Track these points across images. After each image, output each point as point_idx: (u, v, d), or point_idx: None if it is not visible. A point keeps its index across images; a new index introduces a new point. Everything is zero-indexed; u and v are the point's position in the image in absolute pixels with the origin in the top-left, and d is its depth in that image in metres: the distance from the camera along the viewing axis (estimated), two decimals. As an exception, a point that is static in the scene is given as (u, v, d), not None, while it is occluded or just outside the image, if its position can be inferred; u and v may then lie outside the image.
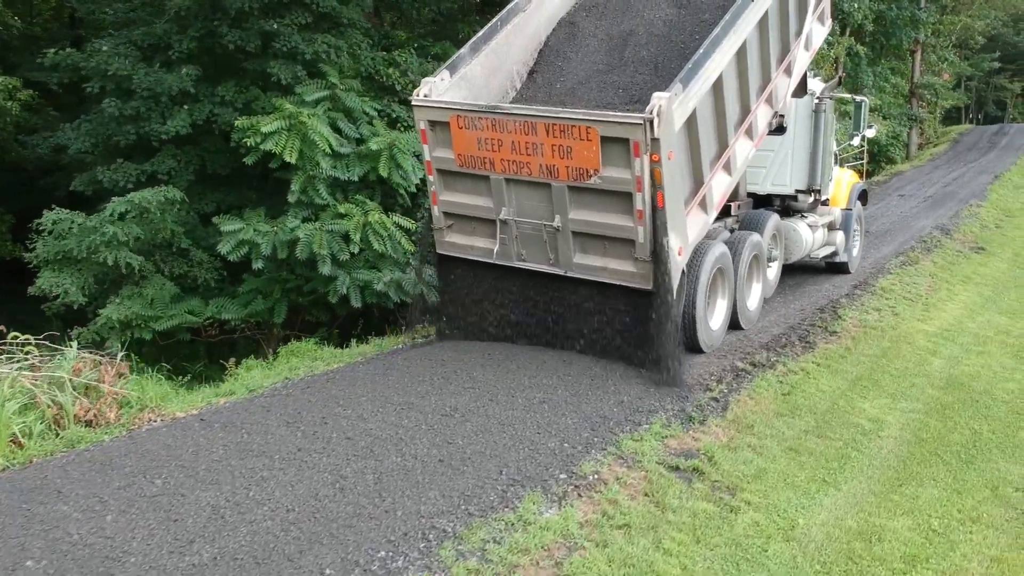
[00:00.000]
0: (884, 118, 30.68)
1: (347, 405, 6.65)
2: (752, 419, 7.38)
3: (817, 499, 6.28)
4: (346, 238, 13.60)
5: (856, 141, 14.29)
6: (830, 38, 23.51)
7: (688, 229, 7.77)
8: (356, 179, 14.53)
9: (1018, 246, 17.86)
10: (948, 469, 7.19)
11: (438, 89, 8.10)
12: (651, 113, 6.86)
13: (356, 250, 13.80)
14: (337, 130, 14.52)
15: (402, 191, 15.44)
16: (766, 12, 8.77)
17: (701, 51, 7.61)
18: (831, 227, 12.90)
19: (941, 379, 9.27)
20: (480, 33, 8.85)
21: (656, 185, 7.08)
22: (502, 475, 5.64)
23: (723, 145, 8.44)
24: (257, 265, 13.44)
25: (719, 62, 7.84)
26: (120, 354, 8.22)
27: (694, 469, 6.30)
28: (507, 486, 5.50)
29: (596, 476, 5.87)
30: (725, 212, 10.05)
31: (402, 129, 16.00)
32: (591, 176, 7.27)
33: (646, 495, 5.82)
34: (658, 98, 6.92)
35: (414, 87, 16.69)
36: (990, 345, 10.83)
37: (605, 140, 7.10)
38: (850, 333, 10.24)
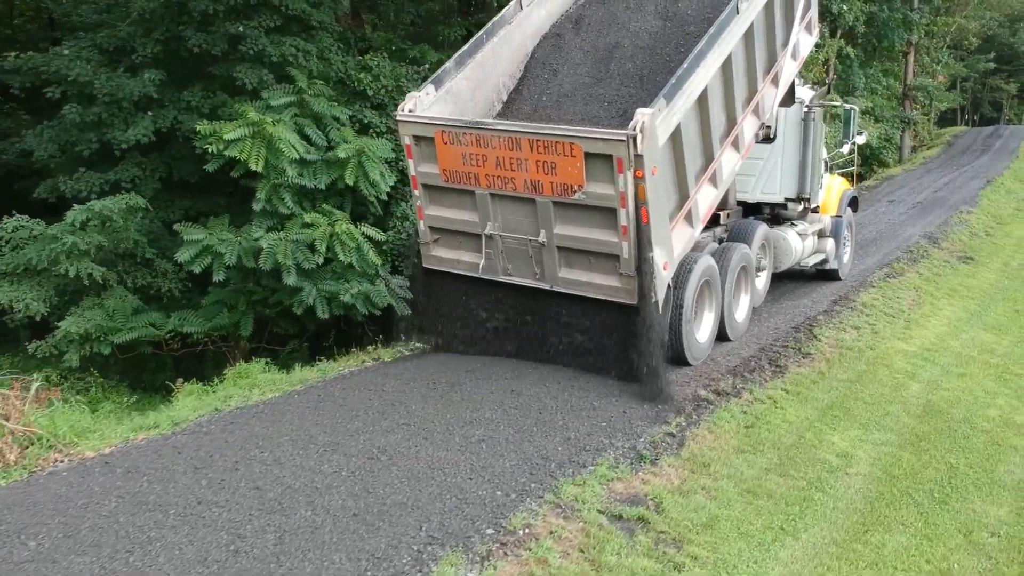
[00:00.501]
0: (876, 120, 30.08)
1: (266, 447, 6.10)
2: (709, 457, 6.81)
3: (772, 551, 5.72)
4: (312, 248, 13.06)
5: (846, 149, 14.11)
6: (820, 41, 22.97)
7: (673, 243, 7.68)
8: (323, 187, 13.99)
9: (1007, 255, 17.28)
10: (919, 511, 6.64)
11: (423, 104, 7.99)
12: (634, 129, 6.77)
13: (322, 260, 13.25)
14: (305, 137, 13.98)
15: (372, 200, 14.90)
16: (752, 24, 8.64)
17: (685, 65, 7.48)
18: (821, 235, 12.68)
19: (918, 406, 8.71)
20: (465, 47, 8.71)
21: (640, 201, 7.00)
22: (421, 531, 5.08)
23: (709, 158, 8.32)
24: (218, 276, 12.88)
25: (704, 76, 7.74)
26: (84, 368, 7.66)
27: (639, 518, 5.73)
28: (424, 545, 4.94)
29: (527, 530, 5.31)
30: (714, 221, 9.94)
31: (374, 135, 15.47)
32: (575, 192, 7.21)
33: (581, 551, 5.26)
34: (641, 114, 6.83)
35: (387, 92, 16.26)
36: (973, 366, 10.27)
37: (589, 156, 7.02)
38: (825, 355, 9.67)
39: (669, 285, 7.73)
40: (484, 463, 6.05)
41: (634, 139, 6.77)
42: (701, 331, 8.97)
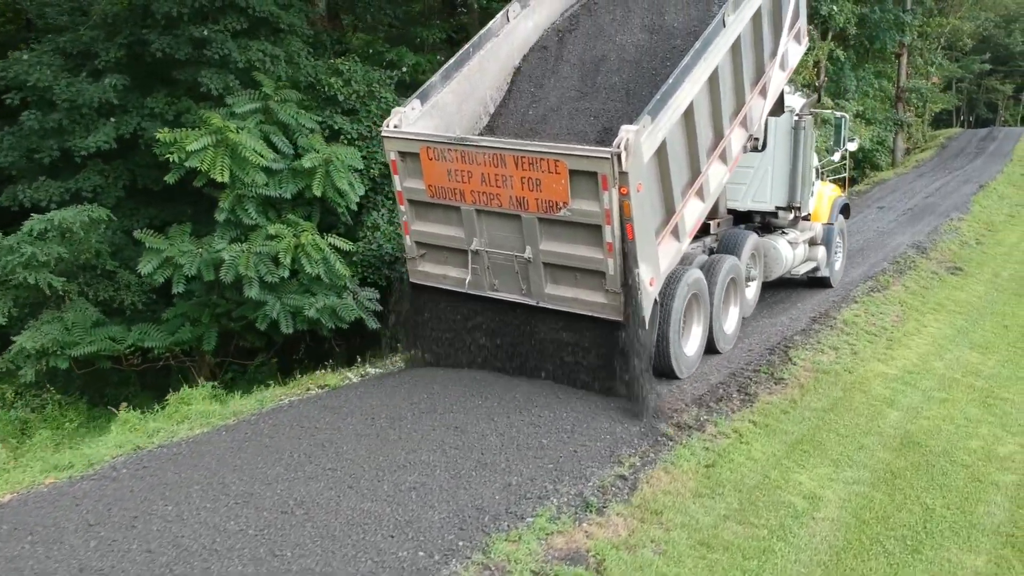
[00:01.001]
0: (868, 123, 29.47)
1: (173, 498, 5.54)
2: (663, 503, 6.24)
3: (723, 617, 5.18)
4: (276, 261, 12.50)
5: (837, 157, 13.90)
6: (810, 43, 22.39)
7: (660, 259, 7.63)
8: (290, 197, 13.43)
9: (997, 265, 16.69)
10: (890, 562, 6.07)
11: (408, 119, 7.90)
12: (618, 147, 6.69)
13: (287, 273, 12.70)
14: (271, 145, 13.42)
15: (342, 209, 14.35)
16: (739, 36, 8.55)
17: (671, 81, 7.38)
18: (812, 242, 12.48)
19: (895, 437, 8.13)
20: (452, 60, 8.57)
21: (625, 217, 6.92)
22: (326, 605, 4.54)
23: (695, 172, 8.22)
24: (178, 288, 12.34)
25: (690, 90, 7.65)
26: None
27: (576, 580, 5.19)
28: (327, 623, 4.40)
29: (446, 601, 4.77)
30: (704, 231, 9.86)
31: (345, 142, 14.91)
32: (560, 208, 7.13)
33: (506, 624, 4.72)
34: (626, 131, 6.75)
35: (358, 97, 15.69)
36: (956, 390, 9.69)
37: (574, 173, 6.94)
38: (799, 380, 9.10)
39: (656, 300, 7.65)
40: (411, 516, 5.49)
41: (619, 156, 6.68)
42: (689, 344, 8.83)
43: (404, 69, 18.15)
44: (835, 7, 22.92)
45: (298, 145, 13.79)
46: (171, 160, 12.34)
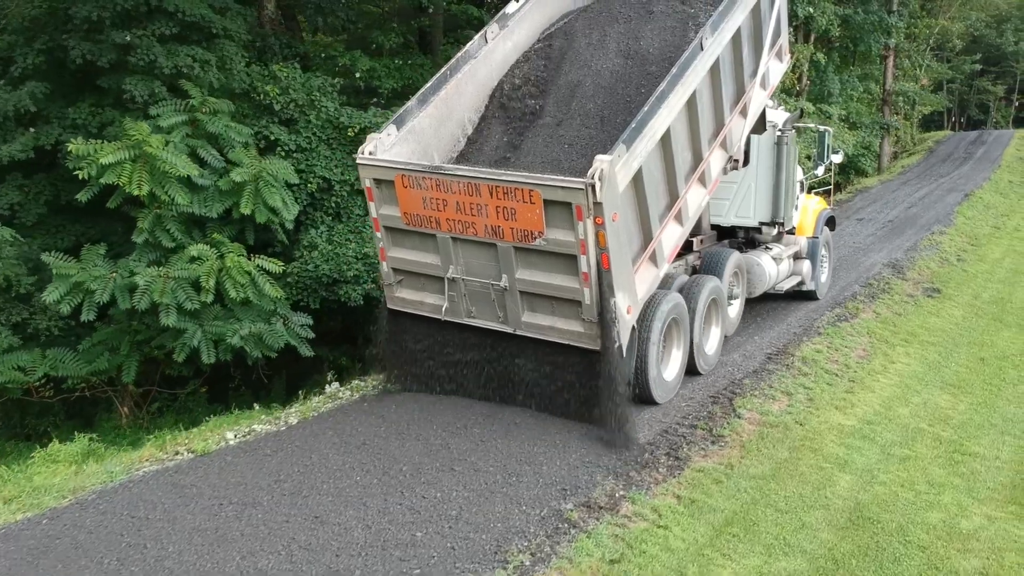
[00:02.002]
0: (853, 128, 28.26)
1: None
2: (547, 620, 5.14)
3: None
4: (197, 285, 11.39)
5: (820, 171, 13.58)
6: (791, 43, 21.27)
7: (637, 286, 7.47)
8: (216, 216, 12.30)
9: (978, 285, 15.54)
10: None
11: (384, 145, 7.73)
12: (592, 177, 6.55)
13: (209, 299, 11.59)
14: (198, 160, 12.30)
15: (277, 228, 13.25)
16: (718, 59, 8.40)
17: (646, 108, 7.24)
18: (797, 256, 12.28)
19: (844, 511, 6.99)
20: (429, 84, 8.38)
21: (601, 247, 6.80)
22: None
23: (674, 197, 8.08)
24: (87, 316, 11.21)
25: (666, 116, 7.50)
26: None
27: None
28: None
29: None
30: (687, 247, 9.68)
31: (282, 154, 13.78)
32: (536, 238, 7.01)
33: None
34: (600, 161, 6.60)
35: (297, 106, 14.53)
36: (920, 443, 8.56)
37: (548, 203, 6.81)
38: (740, 438, 7.96)
39: (634, 328, 7.54)
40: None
41: (593, 187, 6.52)
42: (669, 370, 8.61)
43: (358, 75, 17.02)
44: (812, 9, 21.68)
45: (229, 159, 12.66)
46: (81, 175, 11.23)
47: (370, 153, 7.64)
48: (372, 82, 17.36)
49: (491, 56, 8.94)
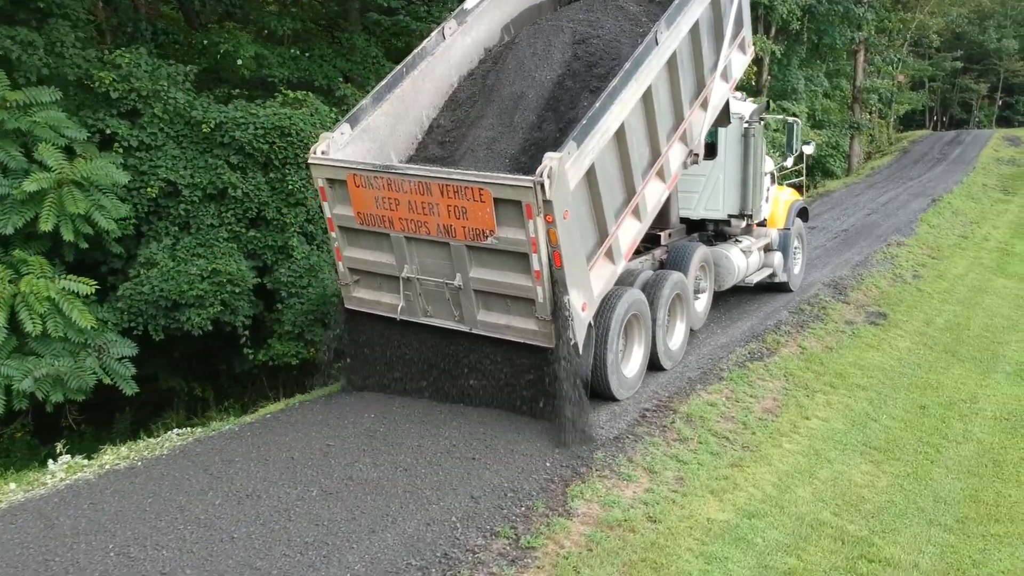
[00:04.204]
0: (818, 127, 25.90)
1: None
2: None
3: None
4: (-18, 317, 9.18)
5: (790, 162, 13.20)
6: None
7: (592, 283, 7.28)
8: (10, 232, 10.04)
9: (933, 307, 13.24)
10: None
11: (337, 144, 7.54)
12: (541, 175, 6.40)
13: (0, 336, 9.44)
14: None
15: (110, 242, 11.04)
16: (674, 53, 8.17)
17: (597, 105, 7.07)
18: (768, 249, 11.93)
19: None
20: (384, 81, 8.14)
21: (552, 245, 6.65)
22: None
23: (630, 192, 7.89)
24: None
25: (619, 113, 7.31)
26: None
27: None
28: None
29: None
30: (655, 242, 9.61)
31: (120, 151, 11.49)
32: (487, 237, 6.88)
33: None
34: (549, 159, 6.48)
35: (140, 97, 12.24)
36: (815, 545, 6.27)
37: (498, 201, 6.68)
38: (559, 549, 5.67)
39: (590, 324, 7.30)
40: None
41: (541, 185, 6.39)
42: (630, 366, 8.33)
43: (240, 62, 14.71)
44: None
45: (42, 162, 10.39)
46: None
47: (323, 152, 7.43)
48: (263, 72, 15.08)
49: (449, 52, 8.65)
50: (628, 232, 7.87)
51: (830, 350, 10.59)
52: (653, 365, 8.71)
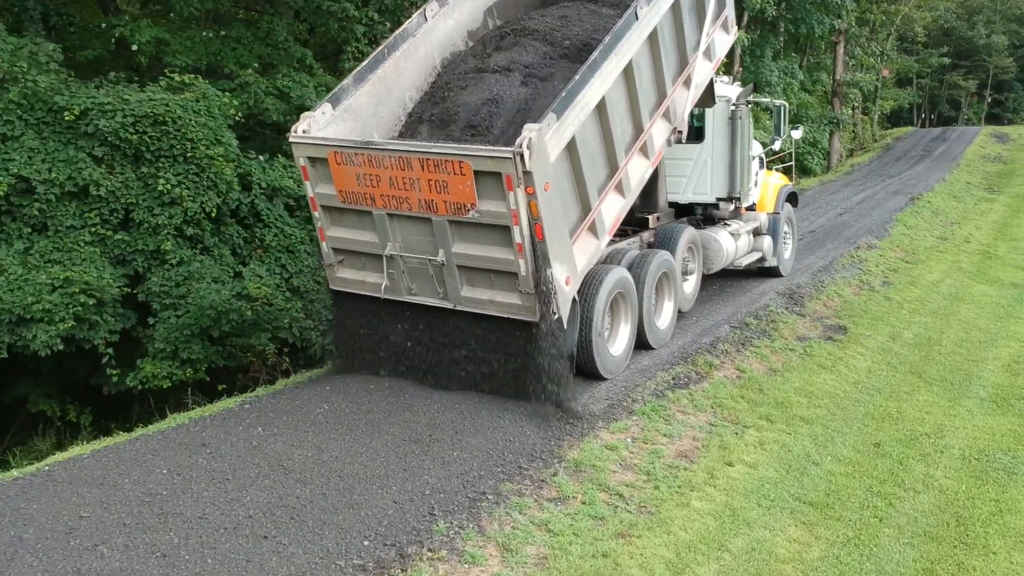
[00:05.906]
0: (794, 122, 24.24)
1: None
2: None
3: None
4: None
5: (777, 146, 12.77)
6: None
7: (576, 257, 7.14)
8: None
9: (901, 320, 11.57)
10: None
11: (318, 124, 7.38)
12: (520, 146, 6.29)
13: None
14: None
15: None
16: (656, 28, 8.07)
17: (577, 78, 6.95)
18: (757, 232, 11.77)
19: None
20: (365, 62, 7.97)
21: (533, 217, 6.53)
22: None
23: (613, 168, 7.76)
24: None
25: (599, 87, 7.18)
26: None
27: None
28: None
29: None
30: (643, 225, 9.61)
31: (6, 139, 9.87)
32: (469, 210, 6.74)
33: None
34: (528, 130, 6.36)
35: (14, 80, 10.60)
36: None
37: (479, 174, 6.54)
38: None
39: (575, 299, 7.20)
40: None
41: (521, 156, 6.27)
42: (616, 344, 8.27)
43: (135, 47, 13.07)
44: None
45: None
46: None
47: (303, 131, 7.33)
48: (164, 58, 13.43)
49: (431, 34, 8.55)
50: (612, 207, 7.80)
51: (774, 373, 8.94)
52: (641, 344, 8.68)
